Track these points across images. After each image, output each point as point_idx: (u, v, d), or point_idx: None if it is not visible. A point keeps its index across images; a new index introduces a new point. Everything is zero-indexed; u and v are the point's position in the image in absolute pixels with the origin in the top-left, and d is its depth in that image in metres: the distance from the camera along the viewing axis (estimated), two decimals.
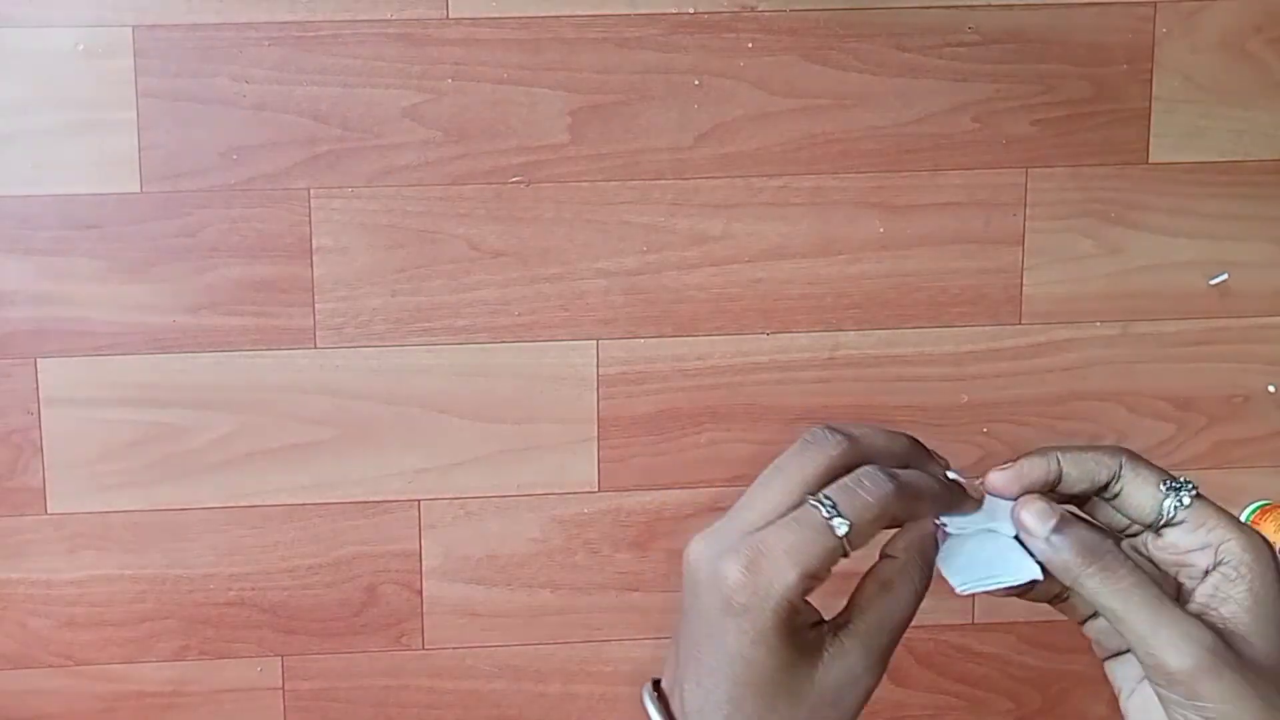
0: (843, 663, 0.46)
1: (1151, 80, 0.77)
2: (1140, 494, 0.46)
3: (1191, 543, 0.46)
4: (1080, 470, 0.46)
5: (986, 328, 0.78)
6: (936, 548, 0.47)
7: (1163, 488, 0.46)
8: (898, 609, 0.46)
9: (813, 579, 0.44)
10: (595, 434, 0.77)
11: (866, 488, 0.44)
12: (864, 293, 0.77)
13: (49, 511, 0.75)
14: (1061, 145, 0.77)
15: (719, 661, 0.45)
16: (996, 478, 0.47)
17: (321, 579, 0.77)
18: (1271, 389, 0.80)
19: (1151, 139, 0.77)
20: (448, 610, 0.78)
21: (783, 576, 0.43)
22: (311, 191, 0.74)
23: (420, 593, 0.78)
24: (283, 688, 0.78)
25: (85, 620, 0.77)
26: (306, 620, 0.78)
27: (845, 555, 0.45)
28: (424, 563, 0.78)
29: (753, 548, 0.43)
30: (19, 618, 0.76)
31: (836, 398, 0.78)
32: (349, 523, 0.77)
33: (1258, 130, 0.77)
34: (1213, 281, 0.79)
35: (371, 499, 0.77)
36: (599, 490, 0.78)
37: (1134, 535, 0.47)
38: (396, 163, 0.74)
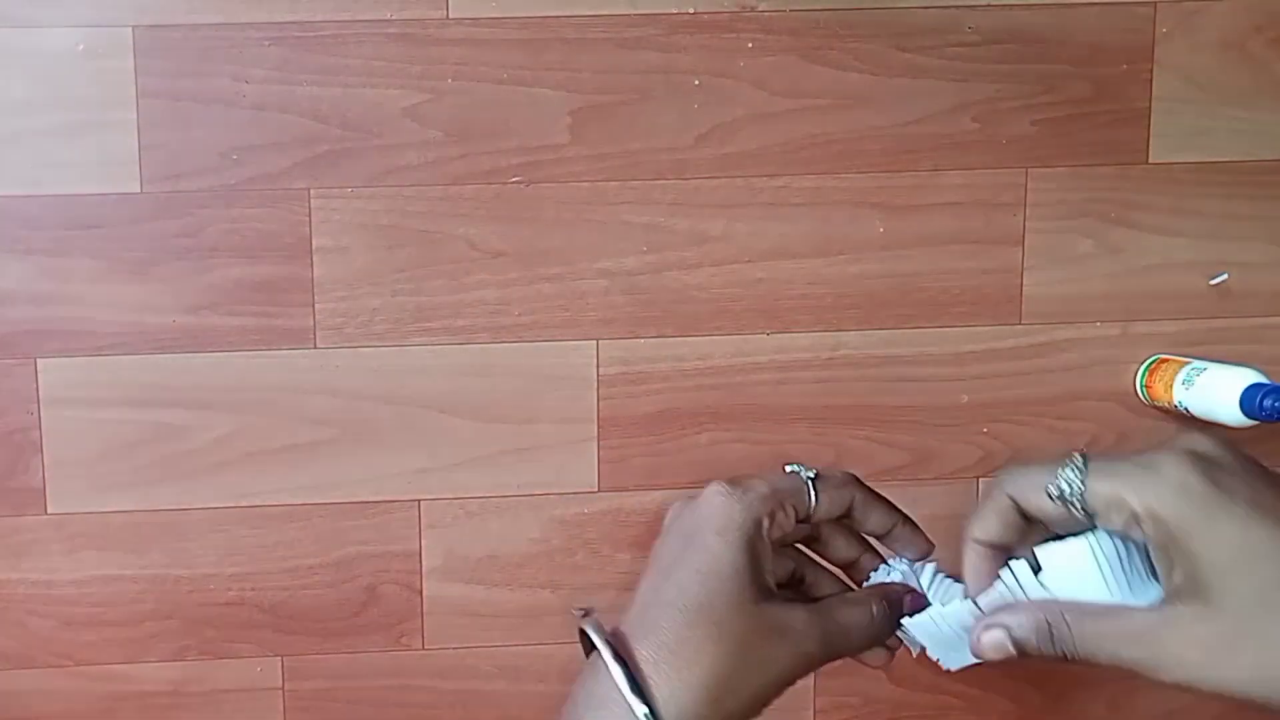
0: (789, 615, 0.50)
1: (1151, 80, 0.77)
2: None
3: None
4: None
5: (986, 328, 0.78)
6: (904, 606, 0.53)
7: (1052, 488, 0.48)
8: (851, 617, 0.51)
9: (780, 508, 0.51)
10: (595, 434, 0.77)
11: (833, 470, 0.54)
12: (864, 293, 0.77)
13: (49, 511, 0.75)
14: (1061, 145, 0.77)
15: (682, 552, 0.50)
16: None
17: (322, 579, 0.77)
18: None
19: (1151, 139, 0.77)
20: (448, 610, 0.78)
21: (756, 489, 0.51)
22: (311, 191, 0.74)
23: (420, 593, 0.78)
24: (283, 688, 0.78)
25: (85, 620, 0.77)
26: (307, 620, 0.78)
27: (810, 514, 0.52)
28: (424, 563, 0.78)
29: (739, 484, 0.51)
30: (19, 618, 0.76)
31: (837, 398, 0.78)
32: (349, 523, 0.77)
33: (1258, 130, 0.77)
34: (1213, 281, 0.79)
35: (372, 499, 0.77)
36: (599, 490, 0.78)
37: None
38: (396, 163, 0.74)
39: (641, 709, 0.47)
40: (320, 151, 0.74)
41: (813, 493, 0.52)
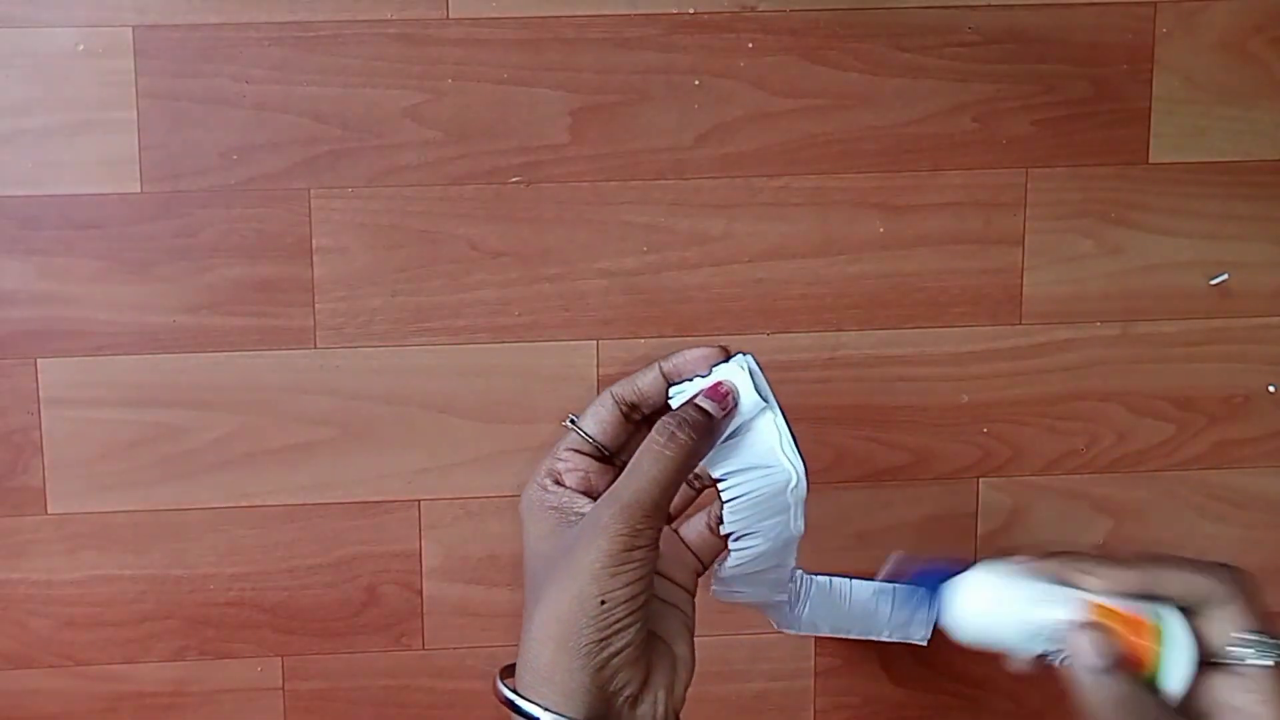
0: (584, 519, 0.51)
1: (1151, 80, 0.77)
2: (1213, 628, 0.48)
3: (1233, 699, 0.47)
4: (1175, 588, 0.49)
5: (986, 328, 0.78)
6: (700, 426, 0.52)
7: (1241, 636, 0.47)
8: (636, 457, 0.51)
9: (554, 459, 0.53)
10: None
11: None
12: (864, 293, 0.77)
13: (49, 511, 0.75)
14: (1061, 145, 0.77)
15: None
16: None
17: (321, 579, 0.77)
18: (1271, 389, 0.80)
19: (1151, 139, 0.77)
20: (448, 610, 0.78)
21: (534, 471, 0.53)
22: (311, 191, 0.74)
23: (420, 593, 0.78)
24: (283, 688, 0.78)
25: (85, 620, 0.77)
26: (306, 620, 0.78)
27: (597, 444, 0.54)
28: (424, 563, 0.78)
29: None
30: (19, 618, 0.76)
31: (837, 398, 0.78)
32: (349, 523, 0.77)
33: (1258, 130, 0.77)
34: (1213, 281, 0.79)
35: (371, 499, 0.77)
36: None
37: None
38: (396, 163, 0.74)
39: (508, 693, 0.50)
40: (320, 151, 0.74)
41: (576, 428, 0.54)
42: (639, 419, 0.55)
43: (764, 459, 0.53)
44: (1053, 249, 0.78)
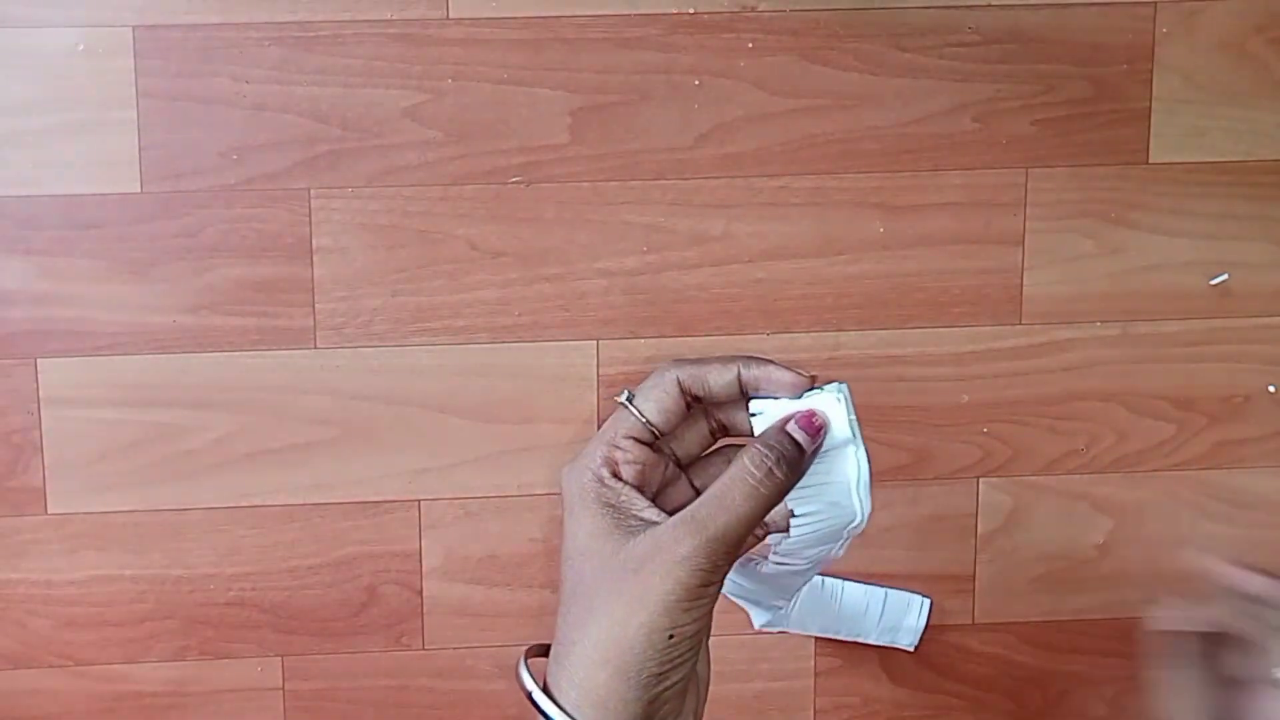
0: (654, 536, 0.48)
1: (1151, 80, 0.77)
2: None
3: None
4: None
5: (987, 328, 0.78)
6: (793, 450, 0.49)
7: None
8: (722, 483, 0.48)
9: (612, 446, 0.50)
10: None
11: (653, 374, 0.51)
12: (864, 293, 0.77)
13: (49, 511, 0.75)
14: (1061, 145, 0.77)
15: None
16: None
17: (321, 579, 0.77)
18: (1271, 389, 0.80)
19: (1151, 139, 0.77)
20: (448, 610, 0.78)
21: (583, 450, 0.50)
22: (311, 191, 0.74)
23: (420, 593, 0.78)
24: (283, 688, 0.78)
25: (85, 620, 0.77)
26: (307, 620, 0.78)
27: (653, 429, 0.50)
28: (424, 563, 0.78)
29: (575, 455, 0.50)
30: (19, 618, 0.76)
31: None
32: (349, 523, 0.77)
33: (1258, 130, 0.77)
34: (1213, 281, 0.79)
35: (371, 499, 0.77)
36: None
37: None
38: (396, 163, 0.74)
39: (544, 700, 0.49)
40: (320, 151, 0.74)
41: (635, 410, 0.50)
42: (697, 409, 0.53)
43: (839, 496, 0.51)
44: (1053, 249, 0.78)
